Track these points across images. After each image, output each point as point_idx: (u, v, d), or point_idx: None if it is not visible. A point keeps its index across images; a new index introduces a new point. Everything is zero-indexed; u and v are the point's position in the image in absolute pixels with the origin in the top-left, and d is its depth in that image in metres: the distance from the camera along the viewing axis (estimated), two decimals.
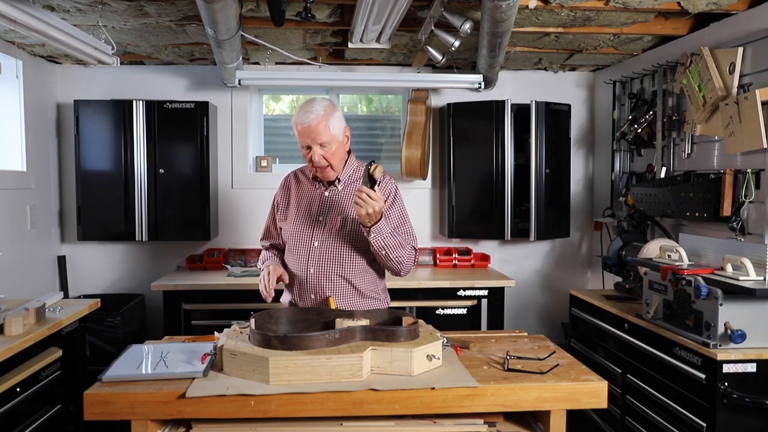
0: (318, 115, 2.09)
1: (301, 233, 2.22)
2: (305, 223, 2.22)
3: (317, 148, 2.11)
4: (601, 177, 4.21)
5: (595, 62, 4.00)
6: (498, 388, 1.65)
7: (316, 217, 2.21)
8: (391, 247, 2.08)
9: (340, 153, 2.18)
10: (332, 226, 2.19)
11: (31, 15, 2.40)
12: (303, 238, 2.21)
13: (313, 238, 2.20)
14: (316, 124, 2.09)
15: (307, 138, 2.10)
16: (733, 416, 2.22)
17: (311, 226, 2.21)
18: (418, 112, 3.96)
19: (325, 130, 2.10)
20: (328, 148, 2.12)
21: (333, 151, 2.14)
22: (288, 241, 2.27)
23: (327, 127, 2.10)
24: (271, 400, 1.57)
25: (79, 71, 4.03)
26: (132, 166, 3.70)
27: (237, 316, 2.13)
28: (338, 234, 2.18)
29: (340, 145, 2.17)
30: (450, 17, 2.84)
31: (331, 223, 2.19)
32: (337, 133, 2.14)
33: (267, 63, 3.96)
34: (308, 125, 2.09)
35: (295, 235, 2.23)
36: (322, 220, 2.20)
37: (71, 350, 2.66)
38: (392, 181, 2.27)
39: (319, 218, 2.21)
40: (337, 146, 2.15)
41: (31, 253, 3.70)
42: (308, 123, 2.09)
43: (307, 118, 2.09)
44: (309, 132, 2.09)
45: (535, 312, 4.36)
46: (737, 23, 2.80)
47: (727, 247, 2.51)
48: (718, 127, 2.79)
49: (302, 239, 2.21)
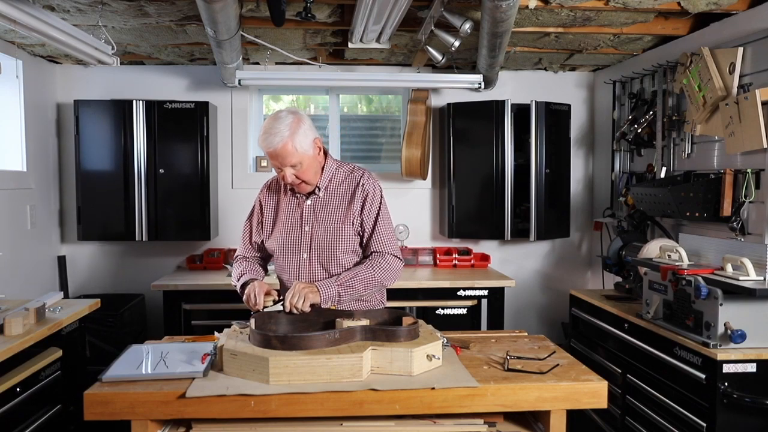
0: (283, 138, 2.01)
1: (289, 246, 2.19)
2: (292, 235, 2.19)
3: (288, 169, 2.06)
4: (601, 177, 4.21)
5: (595, 62, 4.00)
6: (498, 388, 1.65)
7: (302, 227, 2.18)
8: (361, 290, 2.09)
9: (314, 167, 2.12)
10: (318, 235, 2.16)
11: (31, 15, 2.40)
12: (291, 250, 2.18)
13: (301, 249, 2.17)
14: (282, 147, 2.01)
15: (276, 161, 2.05)
16: (733, 416, 2.22)
17: (298, 238, 2.18)
18: (418, 112, 3.96)
19: (293, 152, 2.03)
20: (299, 167, 2.06)
21: (304, 169, 2.08)
22: (277, 254, 2.23)
23: (294, 148, 2.03)
24: (271, 400, 1.57)
25: (79, 71, 4.03)
26: (132, 166, 3.70)
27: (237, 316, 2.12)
28: (325, 242, 2.15)
29: (312, 160, 2.10)
30: (450, 17, 2.84)
31: (317, 232, 2.16)
32: (306, 150, 2.06)
33: (267, 63, 3.96)
34: (274, 149, 2.01)
35: (283, 247, 2.20)
36: (308, 230, 2.17)
37: (71, 350, 2.66)
38: (373, 181, 2.21)
39: (305, 228, 2.17)
40: (308, 162, 2.08)
41: (31, 253, 3.70)
42: (273, 147, 2.01)
43: (272, 142, 2.01)
44: (276, 156, 2.03)
45: (535, 312, 4.36)
46: (737, 23, 2.80)
47: (727, 247, 2.51)
48: (718, 127, 2.79)
49: (291, 251, 2.19)
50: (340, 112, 4.35)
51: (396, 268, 2.17)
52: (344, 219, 2.16)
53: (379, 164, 4.41)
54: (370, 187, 2.18)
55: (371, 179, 2.21)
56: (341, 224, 2.15)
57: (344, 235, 2.14)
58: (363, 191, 2.17)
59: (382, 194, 2.21)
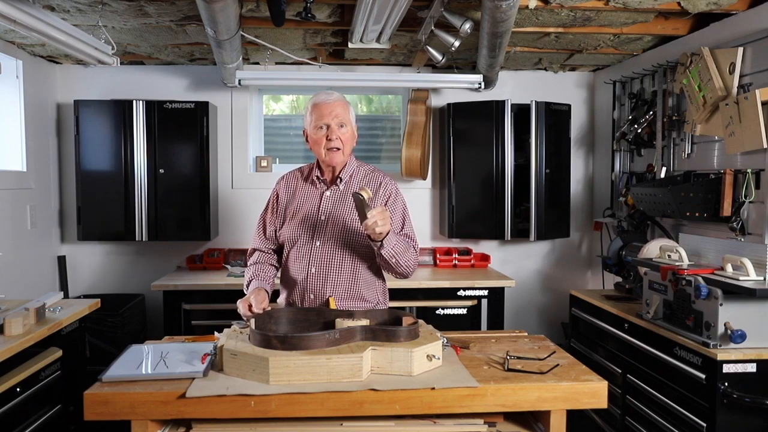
0: (339, 97, 2.19)
1: (303, 232, 2.21)
2: (307, 223, 2.22)
3: (335, 127, 2.15)
4: (601, 177, 4.21)
5: (595, 62, 4.00)
6: (498, 388, 1.65)
7: (318, 216, 2.21)
8: (400, 255, 2.08)
9: (351, 142, 2.23)
10: (334, 225, 2.19)
11: (31, 15, 2.40)
12: (305, 237, 2.21)
13: (315, 237, 2.19)
14: (338, 104, 2.17)
15: (328, 116, 2.15)
16: (733, 416, 2.22)
17: (313, 226, 2.21)
18: (418, 112, 3.96)
19: (345, 112, 2.18)
20: (345, 130, 2.17)
21: (347, 136, 2.19)
22: (289, 240, 2.25)
23: (347, 109, 2.19)
24: (271, 400, 1.57)
25: (79, 71, 4.03)
26: (132, 166, 3.70)
27: (237, 316, 2.11)
28: (340, 234, 2.18)
29: (352, 134, 2.22)
30: (450, 17, 2.84)
31: (333, 222, 2.19)
32: (352, 120, 2.22)
33: (267, 63, 3.96)
34: (330, 103, 2.16)
35: (297, 234, 2.22)
36: (324, 219, 2.20)
37: (71, 350, 2.66)
38: (393, 182, 2.28)
39: (321, 217, 2.21)
40: (350, 133, 2.20)
41: (31, 253, 3.70)
42: (331, 101, 2.16)
43: (329, 98, 2.17)
44: (330, 110, 2.15)
45: (535, 312, 4.36)
46: (737, 23, 2.80)
47: (727, 247, 2.51)
48: (718, 127, 2.79)
49: (304, 238, 2.21)
50: None
51: (416, 258, 2.20)
52: None
53: (379, 164, 4.40)
54: (393, 188, 2.26)
55: (392, 182, 2.29)
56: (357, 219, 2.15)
57: (358, 230, 2.15)
58: (386, 191, 2.24)
59: (399, 192, 2.27)
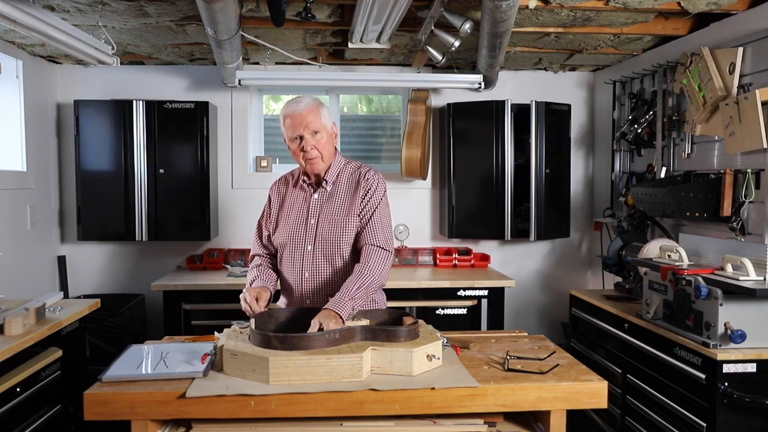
0: (308, 104, 2.12)
1: (295, 237, 2.20)
2: (298, 228, 2.21)
3: (309, 137, 2.11)
4: (601, 177, 4.21)
5: (595, 62, 4.00)
6: (498, 388, 1.65)
7: (308, 220, 2.20)
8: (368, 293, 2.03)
9: (330, 146, 2.19)
10: (324, 228, 2.18)
11: (31, 15, 2.40)
12: (296, 242, 2.20)
13: (306, 241, 2.19)
14: (308, 112, 2.10)
15: (299, 127, 2.10)
16: (733, 416, 2.22)
17: (304, 230, 2.20)
18: (418, 112, 3.96)
19: (317, 119, 2.12)
20: (320, 137, 2.13)
21: (324, 142, 2.15)
22: (281, 246, 2.25)
23: (318, 115, 2.12)
24: (271, 400, 1.57)
25: (79, 71, 4.03)
26: (132, 166, 3.70)
27: (237, 316, 2.11)
28: (330, 234, 2.17)
29: (330, 137, 2.18)
30: (450, 17, 2.83)
31: (323, 224, 2.18)
32: (326, 123, 2.16)
33: (267, 63, 3.96)
34: (300, 113, 2.10)
35: (288, 239, 2.21)
36: (314, 223, 2.19)
37: (71, 350, 2.66)
38: (377, 177, 2.23)
39: (311, 221, 2.20)
40: (327, 137, 2.16)
41: (31, 253, 3.70)
42: (299, 111, 2.10)
43: (298, 107, 2.11)
44: (301, 120, 2.10)
45: (535, 312, 4.36)
46: (737, 23, 2.80)
47: (727, 247, 2.51)
48: (718, 127, 2.79)
49: (296, 243, 2.20)
50: (340, 112, 4.35)
51: (384, 260, 2.13)
52: (348, 211, 2.18)
53: (379, 164, 4.40)
54: (374, 181, 2.21)
55: (376, 175, 2.25)
56: (345, 216, 2.17)
57: (348, 228, 2.16)
58: (367, 184, 2.20)
59: (385, 190, 2.23)
